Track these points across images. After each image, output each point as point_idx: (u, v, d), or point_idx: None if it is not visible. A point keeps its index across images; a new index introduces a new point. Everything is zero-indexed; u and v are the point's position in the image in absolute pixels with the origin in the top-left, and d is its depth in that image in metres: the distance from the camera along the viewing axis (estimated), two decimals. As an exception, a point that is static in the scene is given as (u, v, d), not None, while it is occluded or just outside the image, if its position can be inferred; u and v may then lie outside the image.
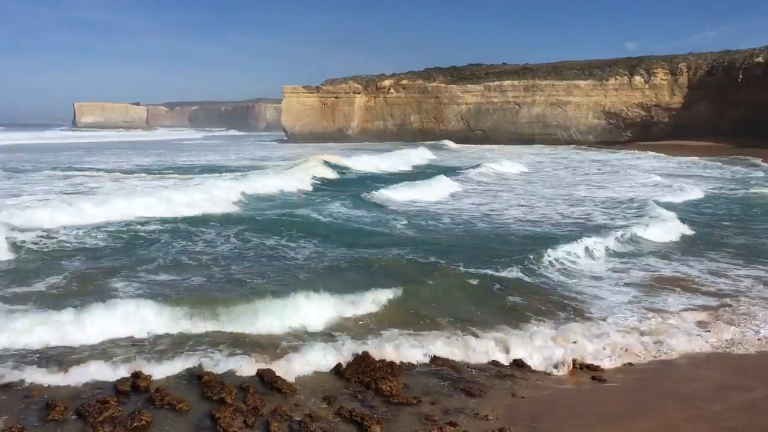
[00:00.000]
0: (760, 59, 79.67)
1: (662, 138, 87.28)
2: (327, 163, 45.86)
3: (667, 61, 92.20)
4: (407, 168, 52.20)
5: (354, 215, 25.84)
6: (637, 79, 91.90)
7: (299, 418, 8.75)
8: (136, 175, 43.37)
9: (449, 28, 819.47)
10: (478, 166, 48.05)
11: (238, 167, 50.84)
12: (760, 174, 45.97)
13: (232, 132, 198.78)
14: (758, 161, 56.11)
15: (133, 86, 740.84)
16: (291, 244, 19.55)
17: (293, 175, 38.31)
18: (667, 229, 22.25)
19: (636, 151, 75.00)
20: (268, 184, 34.69)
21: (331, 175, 43.23)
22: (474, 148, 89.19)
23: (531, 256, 17.42)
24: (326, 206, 27.16)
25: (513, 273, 16.03)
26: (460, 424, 8.57)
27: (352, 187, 36.77)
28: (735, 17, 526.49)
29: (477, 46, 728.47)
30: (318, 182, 39.34)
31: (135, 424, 8.43)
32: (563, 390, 10.04)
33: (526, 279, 15.85)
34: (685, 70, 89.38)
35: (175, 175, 43.01)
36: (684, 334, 12.19)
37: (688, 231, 22.44)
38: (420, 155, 62.87)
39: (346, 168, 47.43)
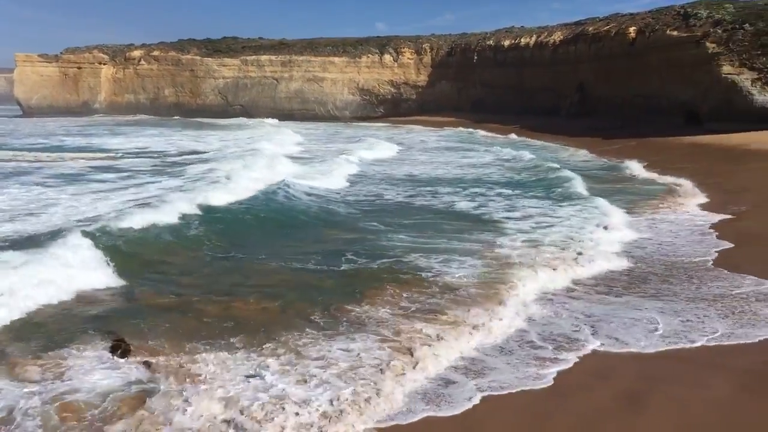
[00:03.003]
0: (491, 42, 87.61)
1: (411, 114, 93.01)
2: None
3: (413, 41, 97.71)
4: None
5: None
6: (387, 57, 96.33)
7: None
8: None
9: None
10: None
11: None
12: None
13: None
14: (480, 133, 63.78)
15: None
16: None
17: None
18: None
19: (410, 125, 79.18)
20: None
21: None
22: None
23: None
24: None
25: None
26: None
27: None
28: (470, 3, 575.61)
29: (232, 19, 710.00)
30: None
31: None
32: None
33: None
34: (429, 50, 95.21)
35: None
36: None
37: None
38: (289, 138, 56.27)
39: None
